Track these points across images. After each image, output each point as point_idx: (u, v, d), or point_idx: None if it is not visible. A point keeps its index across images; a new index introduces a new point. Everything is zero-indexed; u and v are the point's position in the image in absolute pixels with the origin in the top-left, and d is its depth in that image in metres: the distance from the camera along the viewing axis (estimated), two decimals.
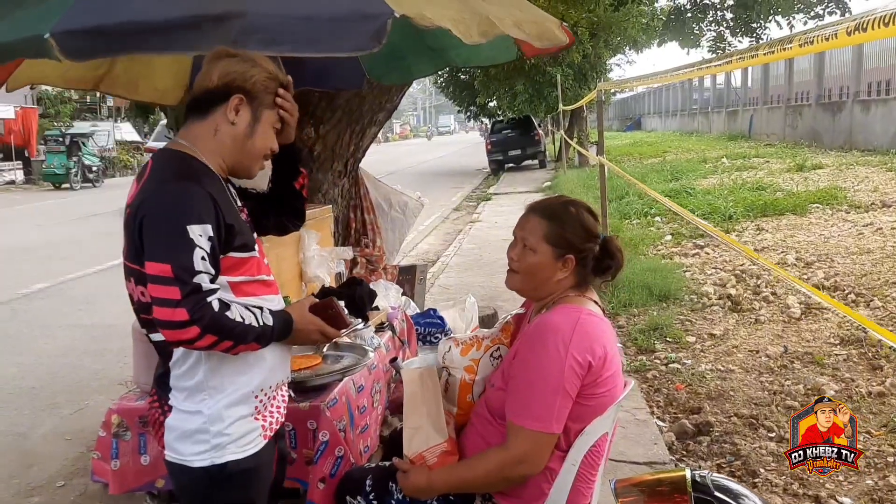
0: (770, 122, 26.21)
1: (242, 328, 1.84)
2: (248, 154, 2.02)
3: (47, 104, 31.20)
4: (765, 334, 5.70)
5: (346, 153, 4.54)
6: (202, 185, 1.87)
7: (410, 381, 2.38)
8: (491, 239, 11.03)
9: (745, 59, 3.20)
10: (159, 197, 1.87)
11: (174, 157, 1.97)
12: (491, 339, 2.42)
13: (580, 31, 12.15)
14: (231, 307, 1.84)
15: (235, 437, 1.95)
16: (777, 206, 10.58)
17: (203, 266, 1.80)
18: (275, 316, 1.96)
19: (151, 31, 2.19)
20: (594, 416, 2.10)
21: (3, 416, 5.20)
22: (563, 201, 2.30)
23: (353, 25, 2.19)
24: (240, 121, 1.97)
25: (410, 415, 2.31)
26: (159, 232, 1.83)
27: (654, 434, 4.18)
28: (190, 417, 1.94)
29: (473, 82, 24.47)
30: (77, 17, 2.16)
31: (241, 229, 1.96)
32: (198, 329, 1.77)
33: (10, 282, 9.68)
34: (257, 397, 2.01)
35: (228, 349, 1.86)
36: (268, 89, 1.99)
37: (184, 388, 1.96)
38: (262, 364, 2.00)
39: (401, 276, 4.86)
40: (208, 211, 1.84)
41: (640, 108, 55.61)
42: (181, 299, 1.76)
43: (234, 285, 1.95)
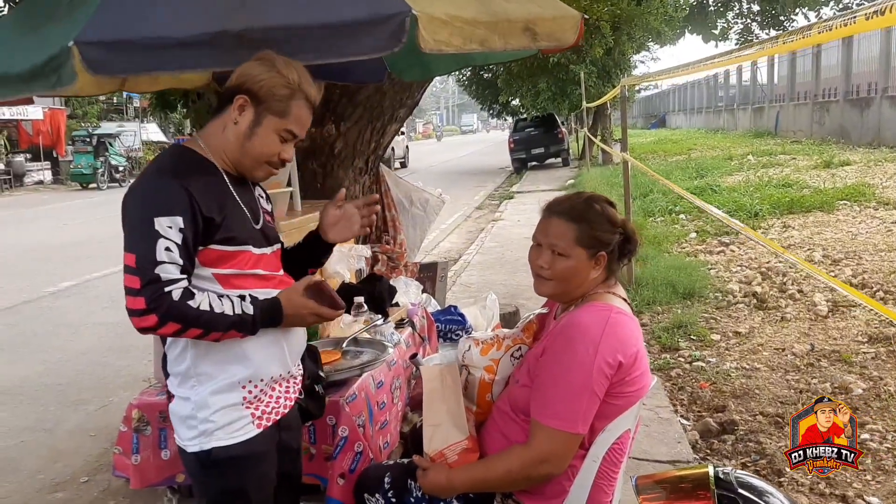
0: (797, 118, 25.89)
1: (209, 316, 1.87)
2: (247, 155, 2.02)
3: (75, 105, 31.55)
4: (791, 332, 5.62)
5: (367, 150, 4.54)
6: (182, 179, 1.90)
7: (430, 378, 2.36)
8: (513, 237, 11.00)
9: (768, 48, 3.14)
10: (136, 190, 1.94)
11: (171, 153, 2.04)
12: (512, 339, 2.38)
13: (602, 25, 12.04)
14: (196, 296, 1.87)
15: (222, 424, 1.99)
16: (804, 204, 10.43)
17: (167, 256, 1.84)
18: (259, 303, 1.97)
19: (173, 47, 2.22)
20: (620, 413, 2.07)
21: (30, 413, 5.26)
22: (584, 199, 2.22)
23: (372, 27, 2.20)
24: (242, 121, 1.99)
25: (430, 412, 2.29)
26: (131, 223, 1.90)
27: (677, 432, 4.13)
28: (183, 403, 2.01)
29: (496, 81, 24.41)
30: (99, 29, 2.19)
31: (230, 225, 1.98)
32: (155, 317, 1.82)
33: (38, 280, 9.81)
34: (245, 387, 2.02)
35: (199, 336, 1.90)
36: (276, 96, 1.97)
37: (177, 373, 2.02)
38: (248, 357, 2.01)
39: (421, 274, 4.84)
40: (180, 204, 1.87)
41: (665, 106, 55.21)
42: (140, 288, 1.81)
43: (222, 277, 1.98)
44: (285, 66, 1.98)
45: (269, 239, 2.13)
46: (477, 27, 2.30)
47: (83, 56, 2.09)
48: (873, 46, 20.32)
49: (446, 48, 2.24)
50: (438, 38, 2.21)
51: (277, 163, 2.07)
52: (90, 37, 2.14)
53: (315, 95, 2.05)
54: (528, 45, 2.50)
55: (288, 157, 2.07)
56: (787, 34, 2.84)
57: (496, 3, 2.48)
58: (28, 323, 7.82)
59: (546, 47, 2.71)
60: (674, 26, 18.90)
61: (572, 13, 2.67)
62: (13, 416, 5.21)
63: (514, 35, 2.40)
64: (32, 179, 27.73)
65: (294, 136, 2.04)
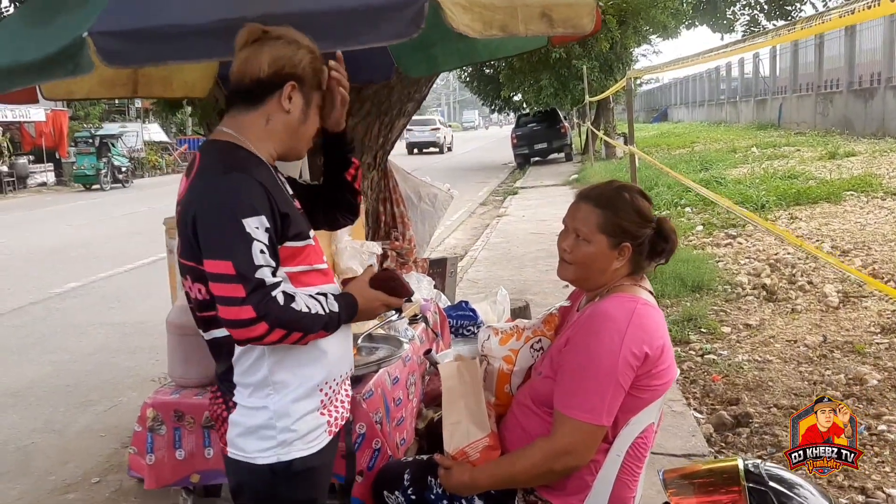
0: (800, 110, 25.83)
1: (310, 318, 1.79)
2: (301, 139, 1.98)
3: (77, 106, 31.55)
4: (802, 324, 5.59)
5: (375, 145, 4.50)
6: (252, 174, 1.81)
7: (448, 376, 2.32)
8: (518, 233, 10.98)
9: (772, 38, 3.10)
10: (210, 191, 1.81)
11: (222, 148, 1.91)
12: (532, 331, 2.36)
13: (608, 19, 11.97)
14: (296, 298, 1.79)
15: (302, 434, 1.90)
16: (810, 195, 10.40)
17: (263, 259, 1.74)
18: (339, 300, 1.91)
19: (189, 35, 2.17)
20: (645, 407, 2.04)
21: (39, 414, 5.25)
22: (616, 186, 2.19)
23: (391, 13, 2.16)
24: (294, 108, 1.92)
25: (450, 410, 2.25)
26: (214, 228, 1.78)
27: (691, 426, 4.11)
28: (255, 413, 1.89)
29: (498, 76, 24.35)
30: (113, 19, 2.16)
31: (296, 218, 1.91)
32: (266, 325, 1.72)
33: (43, 281, 9.79)
34: (322, 390, 1.95)
35: (298, 340, 1.80)
36: (317, 71, 1.94)
37: (249, 384, 1.90)
38: (326, 356, 1.94)
39: (431, 270, 4.81)
40: (262, 201, 1.78)
41: (667, 99, 55.17)
42: (246, 296, 1.71)
43: (293, 276, 1.89)
44: (304, 38, 1.94)
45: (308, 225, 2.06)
46: (496, 12, 2.26)
47: (97, 46, 2.04)
48: (876, 36, 20.26)
49: (471, 32, 2.20)
50: (464, 22, 2.17)
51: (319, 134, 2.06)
52: (104, 27, 2.09)
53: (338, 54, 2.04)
54: (546, 31, 2.46)
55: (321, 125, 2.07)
56: (789, 24, 2.82)
57: None
58: (35, 324, 7.81)
59: (563, 34, 2.66)
60: (680, 20, 18.81)
61: (587, 1, 2.64)
62: (23, 418, 5.20)
63: (533, 20, 2.36)
64: (36, 181, 27.74)
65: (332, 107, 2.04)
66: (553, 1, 2.48)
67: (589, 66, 19.97)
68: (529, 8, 2.36)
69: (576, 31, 2.61)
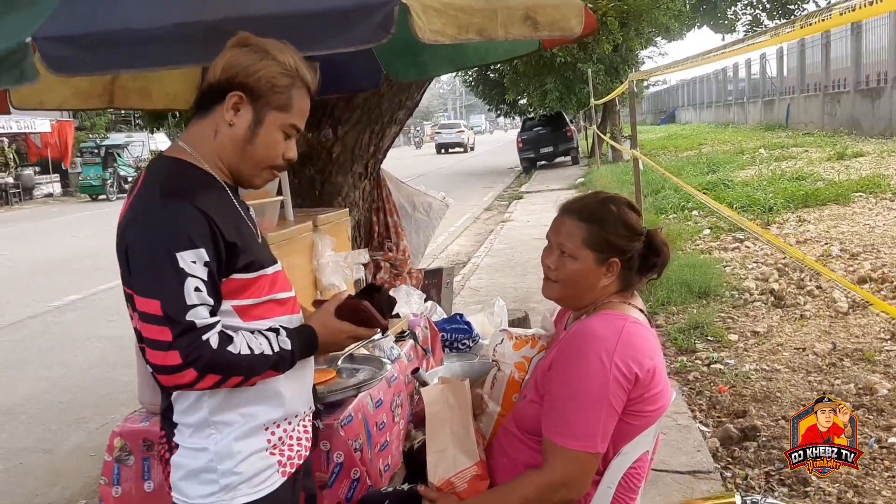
0: (808, 110, 25.62)
1: (251, 360, 1.63)
2: (249, 161, 1.74)
3: (83, 117, 31.62)
4: (811, 330, 5.44)
5: (366, 154, 4.39)
6: (195, 201, 1.62)
7: (432, 401, 2.14)
8: (523, 238, 10.84)
9: (779, 35, 2.98)
10: (144, 218, 1.64)
11: (168, 167, 1.73)
12: (547, 340, 2.22)
13: (609, 21, 11.83)
14: (235, 339, 1.62)
15: (248, 476, 1.72)
16: (818, 196, 10.23)
17: (198, 298, 1.57)
18: (294, 336, 1.74)
19: (142, 42, 2.04)
20: (638, 434, 1.90)
21: (30, 433, 5.16)
22: (601, 199, 2.04)
23: (358, 17, 2.04)
24: (239, 122, 1.69)
25: (434, 437, 2.08)
26: (145, 261, 1.61)
27: (696, 440, 3.96)
28: (197, 455, 1.72)
29: (503, 80, 24.23)
30: (60, 23, 2.03)
31: (247, 246, 1.71)
32: (194, 372, 1.56)
33: (44, 294, 9.73)
34: (269, 430, 1.77)
35: (240, 384, 1.65)
36: (277, 87, 1.69)
37: (189, 423, 1.73)
38: (276, 396, 1.77)
39: (426, 280, 4.69)
40: (202, 232, 1.60)
41: (674, 101, 54.99)
42: (172, 341, 1.55)
43: (242, 309, 1.72)
44: (279, 51, 1.71)
45: (271, 253, 1.88)
46: (473, 15, 2.14)
47: (42, 53, 1.92)
48: (883, 36, 20.05)
49: (442, 38, 2.08)
50: (433, 28, 2.05)
51: (282, 164, 1.80)
52: (50, 32, 1.97)
53: (313, 80, 1.77)
54: (529, 34, 2.33)
55: (293, 155, 1.80)
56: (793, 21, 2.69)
57: None
58: (33, 338, 7.74)
59: (550, 37, 2.54)
60: (682, 21, 18.68)
61: (575, 1, 2.51)
62: (13, 438, 5.11)
63: (514, 24, 2.23)
64: (42, 192, 27.80)
65: (297, 130, 1.77)
66: (537, 3, 2.36)
67: (594, 69, 19.84)
68: (511, 10, 2.23)
69: (564, 34, 2.48)
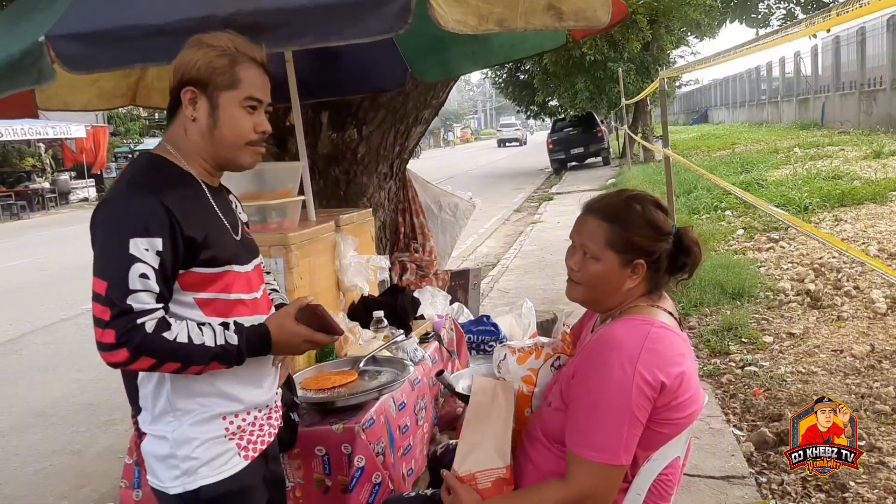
0: (843, 108, 25.15)
1: (187, 349, 1.68)
2: (222, 145, 1.82)
3: (117, 122, 32.06)
4: (849, 332, 5.29)
5: (391, 154, 4.35)
6: (158, 194, 1.70)
7: (481, 391, 2.08)
8: (553, 240, 10.73)
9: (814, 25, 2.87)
10: (108, 206, 1.73)
11: (144, 163, 1.83)
12: (552, 348, 2.14)
13: (639, 19, 11.68)
14: (173, 327, 1.68)
15: (206, 460, 1.80)
16: (855, 195, 10.01)
17: (142, 284, 1.65)
18: (243, 332, 1.77)
19: (154, 36, 2.03)
20: (668, 441, 1.82)
21: (61, 435, 5.19)
22: (626, 197, 1.95)
23: (375, 7, 1.99)
24: (199, 114, 1.79)
25: (472, 428, 2.01)
26: (100, 244, 1.70)
27: (730, 444, 3.86)
28: (159, 442, 1.81)
29: (532, 81, 24.11)
30: (73, 21, 2.03)
31: (214, 242, 1.78)
32: (126, 352, 1.63)
33: (77, 297, 9.82)
34: (227, 419, 1.84)
35: (178, 371, 1.72)
36: (217, 69, 1.77)
37: (150, 409, 1.82)
38: (226, 392, 1.83)
39: (453, 282, 4.63)
40: (159, 223, 1.68)
41: (707, 101, 54.38)
42: (109, 320, 1.63)
43: (204, 302, 1.79)
44: (213, 38, 1.79)
45: (250, 252, 1.95)
46: (494, 5, 2.07)
47: (57, 51, 1.92)
48: None
49: (462, 28, 2.02)
50: (454, 17, 1.99)
51: (257, 138, 1.85)
52: (62, 30, 1.97)
53: (259, 54, 1.83)
54: (552, 24, 2.25)
55: (266, 127, 1.85)
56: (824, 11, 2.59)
57: None
58: (65, 341, 7.82)
59: (575, 27, 2.46)
60: (714, 17, 18.38)
61: None
62: (43, 439, 5.14)
63: (536, 14, 2.15)
64: (77, 197, 28.18)
65: (259, 101, 1.83)
66: None
67: (625, 68, 19.64)
68: (534, 0, 2.15)
69: (590, 24, 2.39)
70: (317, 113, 4.12)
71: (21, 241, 16.60)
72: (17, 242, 16.73)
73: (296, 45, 2.13)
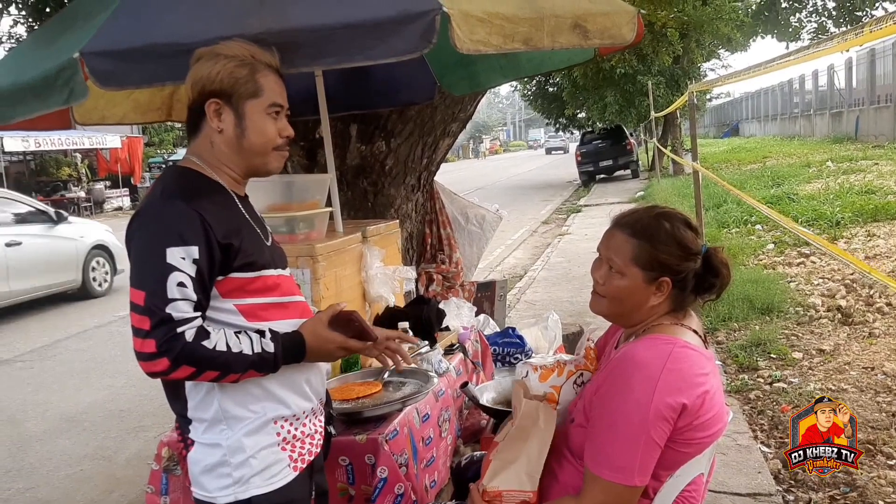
0: (878, 122, 24.79)
1: (226, 357, 1.70)
2: (251, 152, 1.86)
3: (151, 133, 32.53)
4: (880, 349, 5.21)
5: (419, 166, 4.38)
6: (192, 202, 1.73)
7: (527, 414, 2.06)
8: (580, 252, 10.71)
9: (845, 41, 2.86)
10: (143, 216, 1.76)
11: (176, 174, 1.87)
12: (574, 365, 2.14)
13: (669, 33, 11.62)
14: (212, 335, 1.70)
15: (259, 469, 1.80)
16: (889, 211, 9.86)
17: (180, 292, 1.67)
18: (279, 339, 1.79)
19: (185, 54, 2.07)
20: (691, 459, 1.81)
21: (92, 440, 5.27)
22: (655, 213, 1.94)
23: (400, 27, 2.02)
24: (225, 125, 1.83)
25: (510, 446, 2.01)
26: (139, 254, 1.74)
27: (757, 461, 3.82)
28: (211, 451, 1.81)
29: (562, 94, 24.10)
30: (106, 39, 2.09)
31: (248, 247, 1.81)
32: (167, 361, 1.64)
33: (109, 305, 9.99)
34: (278, 423, 1.85)
35: (216, 379, 1.73)
36: (240, 79, 1.81)
37: (202, 419, 1.82)
38: (271, 394, 1.84)
39: (479, 293, 4.64)
40: (195, 231, 1.70)
41: (738, 114, 53.90)
42: (150, 330, 1.65)
43: (245, 309, 1.81)
44: (227, 48, 1.84)
45: (282, 259, 1.99)
46: (519, 24, 2.09)
47: (90, 67, 1.97)
48: None
49: (485, 48, 2.05)
50: (476, 38, 2.02)
51: (283, 143, 1.90)
52: (97, 46, 2.02)
53: (274, 60, 1.88)
54: (579, 43, 2.28)
55: (289, 131, 1.90)
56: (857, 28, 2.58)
57: (542, 1, 2.27)
58: (97, 348, 7.94)
59: (601, 45, 2.48)
60: (745, 32, 18.26)
61: (627, 8, 2.45)
62: (75, 444, 5.22)
63: (563, 32, 2.18)
64: (112, 206, 28.58)
65: (281, 106, 1.88)
66: (587, 10, 2.30)
67: (654, 81, 19.57)
68: (559, 19, 2.18)
69: (615, 42, 2.42)
70: (346, 125, 4.17)
71: None
72: None
73: (321, 65, 2.17)
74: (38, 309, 10.08)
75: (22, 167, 28.60)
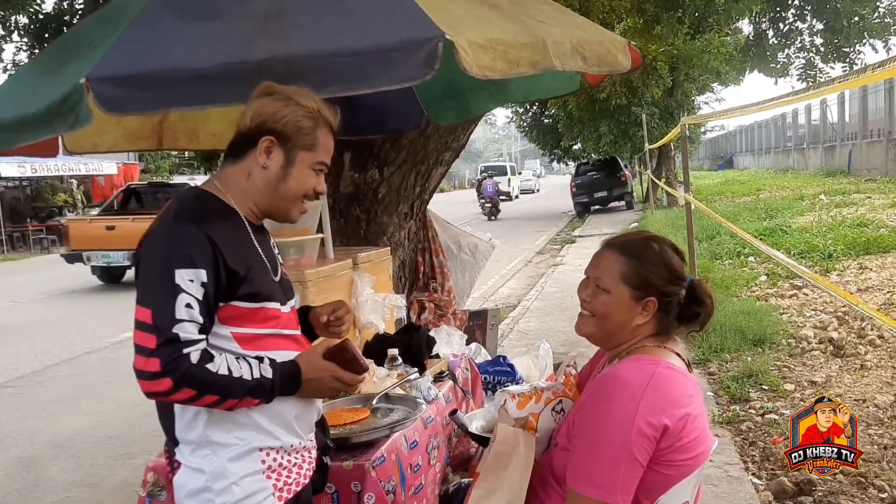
0: (871, 156, 24.99)
1: (227, 382, 1.70)
2: (283, 198, 1.89)
3: (147, 160, 32.56)
4: (872, 381, 5.21)
5: (411, 195, 4.41)
6: (204, 226, 1.74)
7: (504, 440, 2.07)
8: (574, 282, 10.53)
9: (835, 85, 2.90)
10: (154, 236, 1.78)
11: (193, 197, 1.88)
12: (552, 392, 2.15)
13: (659, 66, 11.79)
14: (216, 359, 1.70)
15: (241, 497, 1.78)
16: (881, 244, 9.90)
17: (187, 314, 1.68)
18: (277, 367, 1.79)
19: (190, 80, 2.11)
20: (674, 485, 1.81)
21: (80, 467, 5.22)
22: (644, 236, 2.00)
23: (404, 54, 2.05)
24: (272, 164, 1.85)
25: (489, 474, 2.01)
26: (146, 273, 1.75)
27: (748, 493, 3.81)
28: (194, 475, 1.80)
29: (557, 125, 24.26)
30: (113, 64, 2.11)
31: (255, 278, 1.82)
32: (170, 382, 1.64)
33: (102, 331, 9.93)
34: (263, 451, 1.83)
35: (214, 404, 1.72)
36: (303, 130, 1.85)
37: (189, 441, 1.81)
38: (257, 424, 1.82)
39: (471, 322, 4.65)
40: (204, 255, 1.72)
41: (732, 147, 54.31)
42: (155, 348, 1.65)
43: (241, 337, 1.81)
44: (302, 97, 1.86)
45: (287, 293, 1.99)
46: (522, 50, 2.14)
47: (95, 92, 1.99)
48: None
49: (491, 73, 2.08)
50: (481, 63, 2.05)
51: (313, 196, 1.95)
52: (102, 72, 2.04)
53: (334, 119, 1.92)
54: (581, 67, 2.34)
55: (323, 189, 1.96)
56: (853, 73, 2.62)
57: (537, 27, 2.32)
58: (87, 374, 7.89)
59: (598, 72, 2.53)
60: (735, 66, 18.45)
61: (618, 38, 2.50)
62: (62, 471, 5.17)
63: (567, 56, 2.23)
64: None
65: (326, 165, 1.93)
66: (582, 39, 2.35)
67: (648, 112, 19.72)
68: (559, 45, 2.22)
69: (613, 69, 2.47)
70: (339, 153, 4.18)
71: (49, 275, 16.83)
72: (45, 276, 16.97)
73: (326, 92, 2.16)
74: (30, 334, 10.04)
75: (18, 193, 28.58)
